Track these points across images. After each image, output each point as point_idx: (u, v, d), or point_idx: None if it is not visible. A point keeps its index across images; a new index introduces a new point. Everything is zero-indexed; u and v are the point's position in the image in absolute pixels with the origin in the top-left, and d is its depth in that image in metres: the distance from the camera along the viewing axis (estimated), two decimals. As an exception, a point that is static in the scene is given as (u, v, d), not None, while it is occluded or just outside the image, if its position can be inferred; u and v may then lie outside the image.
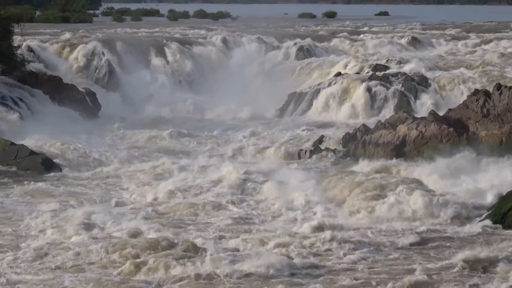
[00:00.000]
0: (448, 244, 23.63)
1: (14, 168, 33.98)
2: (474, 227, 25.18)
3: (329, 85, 50.71)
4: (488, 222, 25.67)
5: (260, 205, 27.59)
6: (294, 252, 21.89)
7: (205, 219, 25.80)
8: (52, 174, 33.23)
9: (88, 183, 31.91)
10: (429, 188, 29.22)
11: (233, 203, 27.61)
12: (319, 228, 24.26)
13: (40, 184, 31.41)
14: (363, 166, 33.01)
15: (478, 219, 26.21)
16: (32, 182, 31.68)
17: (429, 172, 31.40)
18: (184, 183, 30.51)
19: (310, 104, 49.88)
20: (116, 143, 40.50)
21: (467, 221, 26.07)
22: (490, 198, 27.98)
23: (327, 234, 23.12)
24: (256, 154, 37.81)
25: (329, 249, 22.24)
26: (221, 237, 23.30)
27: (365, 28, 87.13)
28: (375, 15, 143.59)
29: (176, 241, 22.13)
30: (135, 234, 23.11)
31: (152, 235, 22.96)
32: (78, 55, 55.67)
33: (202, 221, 25.67)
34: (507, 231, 24.80)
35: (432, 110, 40.45)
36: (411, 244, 23.36)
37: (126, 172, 33.62)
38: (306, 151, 38.43)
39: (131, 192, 29.72)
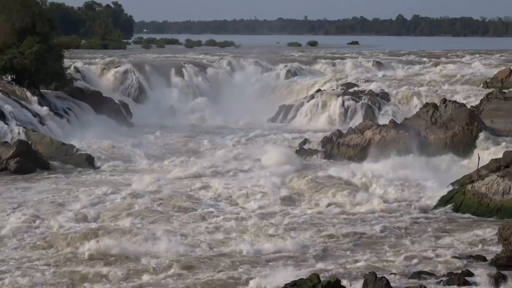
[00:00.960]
0: (397, 225, 26.57)
1: (64, 163, 37.77)
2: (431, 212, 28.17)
3: (311, 99, 54.79)
4: (434, 206, 28.86)
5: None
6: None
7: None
8: (93, 168, 37.34)
9: (121, 174, 36.07)
10: (389, 178, 32.75)
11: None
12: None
13: (84, 175, 35.78)
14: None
15: (425, 203, 29.43)
16: (78, 174, 36.13)
17: (389, 167, 34.72)
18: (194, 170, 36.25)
19: (295, 114, 53.94)
20: (144, 144, 44.09)
21: (417, 204, 29.29)
22: (437, 188, 30.75)
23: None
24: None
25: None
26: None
27: (340, 54, 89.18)
28: (348, 44, 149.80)
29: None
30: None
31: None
32: (115, 74, 60.07)
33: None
34: (449, 213, 27.95)
35: (392, 119, 43.65)
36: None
37: (151, 165, 38.14)
38: (291, 149, 41.90)
39: (151, 180, 33.58)
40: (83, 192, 31.33)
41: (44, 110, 45.75)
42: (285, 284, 19.17)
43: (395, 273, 20.97)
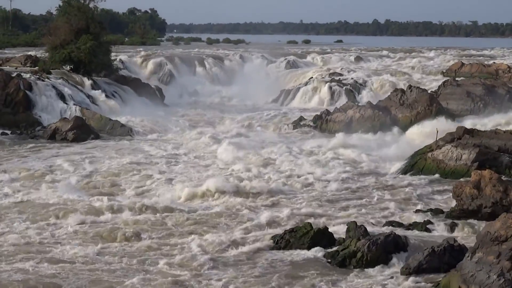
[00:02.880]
0: (371, 183, 26.73)
1: (110, 135, 37.93)
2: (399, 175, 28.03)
3: (305, 85, 54.61)
4: (401, 169, 28.77)
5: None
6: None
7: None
8: (135, 138, 37.29)
9: (158, 142, 36.02)
10: (364, 147, 32.81)
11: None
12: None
13: (127, 142, 35.92)
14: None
15: (395, 167, 29.23)
16: (123, 142, 36.21)
17: (366, 139, 34.97)
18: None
19: (293, 97, 53.69)
20: (177, 118, 44.24)
21: (388, 168, 29.27)
22: (404, 155, 30.46)
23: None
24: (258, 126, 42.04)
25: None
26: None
27: (328, 50, 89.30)
28: (334, 42, 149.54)
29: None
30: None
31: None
32: (151, 65, 60.25)
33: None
34: (414, 175, 27.91)
35: (369, 101, 43.71)
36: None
37: (182, 135, 38.00)
38: (290, 125, 42.12)
39: (185, 145, 34.51)
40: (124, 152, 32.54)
41: (95, 93, 45.76)
42: (285, 230, 19.25)
43: (372, 223, 20.94)
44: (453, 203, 22.22)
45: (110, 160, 30.22)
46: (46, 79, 44.03)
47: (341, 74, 57.30)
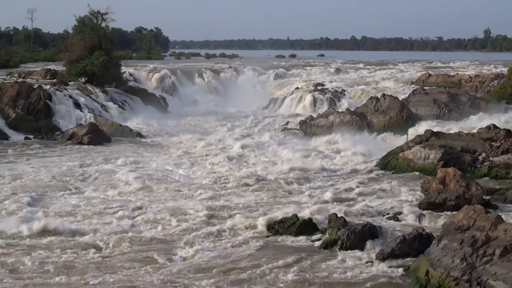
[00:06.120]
0: (349, 178, 27.05)
1: (121, 138, 37.84)
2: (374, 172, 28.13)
3: (291, 94, 54.24)
4: (376, 168, 28.93)
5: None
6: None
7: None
8: (142, 140, 37.31)
9: (162, 144, 36.06)
10: (344, 148, 32.99)
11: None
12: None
13: (134, 145, 35.86)
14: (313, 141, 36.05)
15: (371, 166, 29.49)
16: (131, 143, 36.27)
17: (343, 139, 34.87)
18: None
19: (281, 104, 53.31)
20: (177, 124, 44.06)
21: (365, 167, 29.25)
22: (379, 155, 30.76)
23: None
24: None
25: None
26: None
27: (311, 63, 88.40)
28: (317, 56, 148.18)
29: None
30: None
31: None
32: (156, 77, 59.59)
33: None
34: (387, 173, 28.09)
35: (347, 108, 43.78)
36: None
37: (183, 138, 37.60)
38: (278, 129, 42.13)
39: (184, 147, 34.40)
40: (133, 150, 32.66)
41: (107, 102, 45.65)
42: (274, 221, 19.27)
43: (352, 214, 20.94)
44: (422, 196, 22.28)
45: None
46: (64, 90, 44.13)
47: (323, 84, 56.96)
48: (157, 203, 21.97)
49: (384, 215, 20.81)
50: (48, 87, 43.62)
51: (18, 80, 46.05)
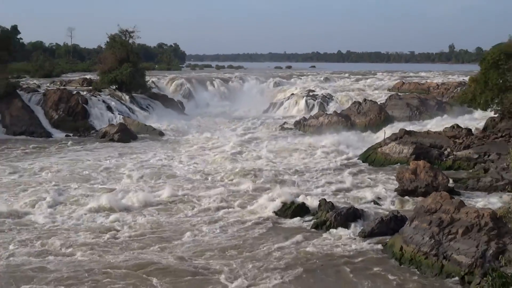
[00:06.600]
0: (337, 171, 26.46)
1: (145, 136, 37.39)
2: (356, 165, 27.80)
3: (288, 99, 53.61)
4: (359, 161, 28.56)
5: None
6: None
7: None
8: (164, 138, 36.89)
9: (181, 141, 35.61)
10: (331, 143, 32.32)
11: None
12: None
13: (157, 142, 35.38)
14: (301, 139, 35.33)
15: (354, 159, 29.12)
16: (153, 141, 35.71)
17: (331, 138, 34.05)
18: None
19: (279, 108, 52.60)
20: (193, 124, 43.52)
21: (348, 160, 28.88)
22: (361, 150, 30.32)
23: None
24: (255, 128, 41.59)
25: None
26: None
27: (304, 73, 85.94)
28: (309, 67, 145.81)
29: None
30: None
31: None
32: (175, 85, 58.80)
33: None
34: (368, 166, 27.67)
35: (334, 110, 43.44)
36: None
37: (198, 136, 37.28)
38: (277, 128, 41.68)
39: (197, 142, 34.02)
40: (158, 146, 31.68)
41: (134, 105, 45.30)
42: (274, 206, 19.17)
43: (339, 199, 20.69)
44: (397, 184, 22.13)
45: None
46: (98, 96, 43.95)
47: (314, 91, 56.39)
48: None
49: (365, 201, 20.63)
50: (84, 93, 43.50)
51: (60, 87, 45.84)
